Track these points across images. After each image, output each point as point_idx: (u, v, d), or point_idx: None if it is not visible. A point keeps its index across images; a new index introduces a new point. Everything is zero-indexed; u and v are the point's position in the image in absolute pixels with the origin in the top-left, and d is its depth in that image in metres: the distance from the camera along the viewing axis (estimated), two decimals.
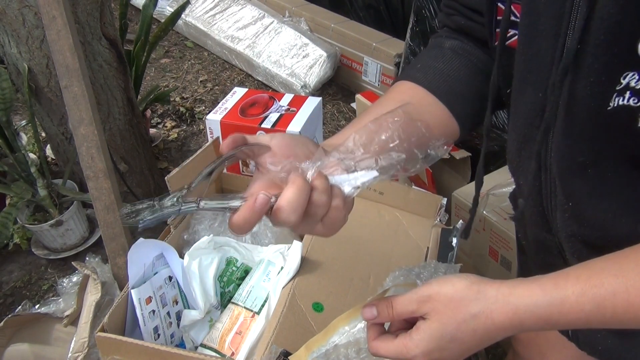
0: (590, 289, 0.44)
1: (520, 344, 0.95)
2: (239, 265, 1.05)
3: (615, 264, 0.45)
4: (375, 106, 0.65)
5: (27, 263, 1.74)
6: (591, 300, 0.44)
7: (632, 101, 0.42)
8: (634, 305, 0.43)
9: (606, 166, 0.48)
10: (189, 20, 3.02)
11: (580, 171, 0.49)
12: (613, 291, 0.44)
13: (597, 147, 0.47)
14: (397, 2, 2.65)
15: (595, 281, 0.44)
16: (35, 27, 1.46)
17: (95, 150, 1.28)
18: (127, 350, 0.84)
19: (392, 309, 0.52)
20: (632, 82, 0.42)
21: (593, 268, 0.46)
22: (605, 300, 0.44)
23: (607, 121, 0.45)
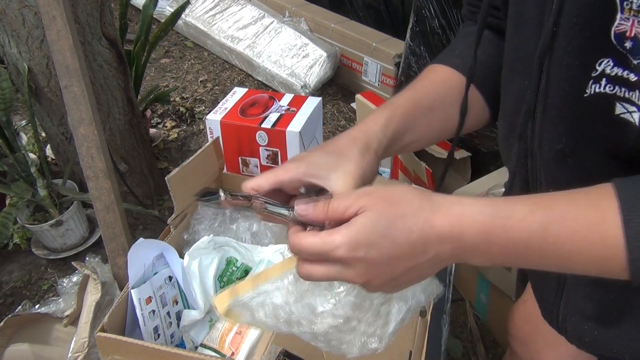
0: (539, 209, 0.42)
1: (518, 342, 0.95)
2: (239, 265, 1.05)
3: (567, 193, 0.43)
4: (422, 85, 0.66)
5: (27, 263, 1.74)
6: (538, 220, 0.41)
7: (608, 88, 0.42)
8: (578, 233, 0.41)
9: (586, 155, 0.47)
10: (189, 20, 3.02)
11: (561, 159, 0.49)
12: (562, 215, 0.41)
13: (575, 134, 0.47)
14: (397, 2, 2.65)
15: (546, 203, 0.42)
16: (35, 27, 1.46)
17: (95, 150, 1.28)
18: (127, 350, 0.84)
19: (329, 204, 0.46)
20: (607, 69, 0.41)
21: (545, 195, 0.44)
22: (552, 223, 0.41)
23: (585, 108, 0.44)
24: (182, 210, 1.07)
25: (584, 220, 0.40)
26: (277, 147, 1.32)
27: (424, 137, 0.65)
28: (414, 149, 0.66)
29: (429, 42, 1.98)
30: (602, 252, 0.40)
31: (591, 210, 0.41)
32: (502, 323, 1.47)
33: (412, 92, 0.65)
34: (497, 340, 1.53)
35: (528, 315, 0.89)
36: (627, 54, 0.40)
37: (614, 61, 0.41)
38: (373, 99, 1.92)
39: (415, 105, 0.63)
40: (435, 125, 0.65)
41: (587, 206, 0.41)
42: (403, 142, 0.62)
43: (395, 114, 0.61)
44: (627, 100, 0.42)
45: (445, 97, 0.65)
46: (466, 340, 1.52)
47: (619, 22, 0.40)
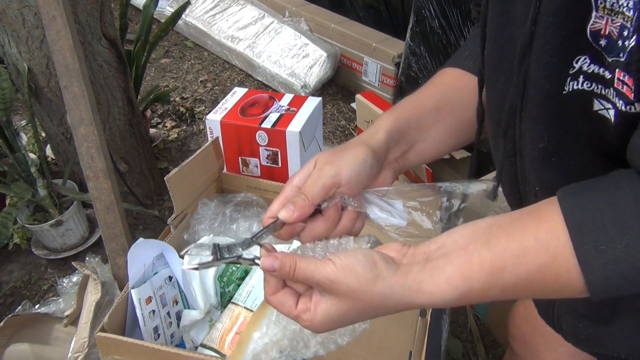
0: (493, 278, 0.45)
1: (517, 342, 0.95)
2: (238, 265, 1.05)
3: (516, 241, 0.45)
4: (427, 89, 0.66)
5: (27, 263, 1.74)
6: (495, 287, 0.45)
7: (585, 85, 0.42)
8: (533, 282, 0.44)
9: (569, 153, 0.47)
10: (189, 20, 3.02)
11: (545, 158, 0.49)
12: (516, 275, 0.44)
13: (556, 132, 0.47)
14: (397, 2, 2.65)
15: (499, 266, 0.45)
16: (35, 27, 1.46)
17: (95, 150, 1.28)
18: (127, 350, 0.84)
19: (294, 271, 0.49)
20: (584, 66, 0.42)
21: (495, 250, 0.46)
22: (508, 285, 0.45)
23: (564, 105, 0.45)
24: (182, 210, 1.07)
25: (536, 268, 0.43)
26: (277, 147, 1.32)
27: (437, 139, 0.64)
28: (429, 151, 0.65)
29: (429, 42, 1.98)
30: (558, 286, 0.44)
31: (542, 255, 0.43)
32: (502, 323, 1.47)
33: (415, 96, 0.66)
34: (497, 340, 1.53)
35: (528, 315, 0.89)
36: (602, 51, 0.41)
37: (591, 58, 0.42)
38: (373, 99, 1.92)
39: (418, 106, 0.64)
40: (445, 126, 0.64)
41: (538, 252, 0.43)
42: (408, 140, 0.62)
43: (396, 114, 0.62)
44: (603, 97, 0.42)
45: (452, 98, 0.65)
46: (466, 340, 1.52)
47: (594, 20, 0.40)
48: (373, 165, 0.58)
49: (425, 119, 0.63)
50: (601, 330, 0.60)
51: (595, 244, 0.40)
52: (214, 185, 1.19)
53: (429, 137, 0.63)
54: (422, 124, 0.62)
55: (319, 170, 0.55)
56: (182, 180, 1.03)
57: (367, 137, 0.60)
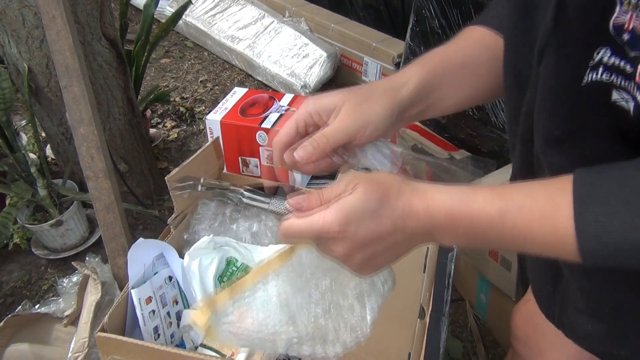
0: (498, 199, 0.47)
1: (519, 342, 0.95)
2: (239, 265, 1.05)
3: (527, 186, 0.47)
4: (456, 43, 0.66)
5: (27, 263, 1.74)
6: (497, 208, 0.46)
7: (604, 76, 0.43)
8: (532, 222, 0.45)
9: (583, 142, 0.48)
10: (189, 20, 3.02)
11: (558, 145, 0.50)
12: (519, 206, 0.46)
13: (574, 121, 0.47)
14: (397, 2, 2.65)
15: (506, 195, 0.47)
16: (35, 27, 1.46)
17: (95, 150, 1.28)
18: (127, 350, 0.84)
19: (322, 194, 0.51)
20: (605, 57, 0.42)
21: (508, 186, 0.48)
22: (509, 212, 0.46)
23: (582, 96, 0.45)
24: (182, 210, 1.07)
25: (538, 212, 0.45)
26: None
27: (454, 94, 0.64)
28: (443, 109, 0.66)
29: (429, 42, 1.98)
30: (554, 240, 0.45)
31: (547, 204, 0.45)
32: (502, 323, 1.47)
33: (444, 49, 0.65)
34: (497, 340, 1.53)
35: (530, 315, 0.89)
36: (624, 45, 0.41)
37: (612, 50, 0.42)
38: None
39: (447, 60, 0.64)
40: (466, 83, 0.64)
41: (544, 199, 0.45)
42: (427, 100, 0.62)
43: (423, 68, 0.62)
44: (623, 89, 0.42)
45: (479, 56, 0.64)
46: (466, 340, 1.52)
47: (618, 15, 0.40)
48: (395, 121, 0.60)
49: (451, 76, 0.63)
50: (601, 328, 0.60)
51: (595, 214, 0.42)
52: None
53: (450, 96, 0.64)
54: (445, 81, 0.63)
55: (347, 117, 0.57)
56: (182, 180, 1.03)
57: (395, 88, 0.60)
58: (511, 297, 1.39)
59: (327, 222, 0.49)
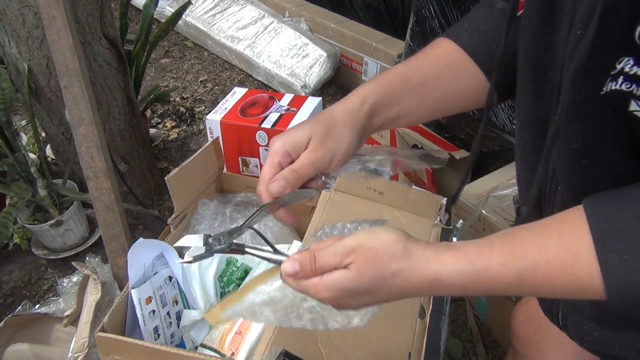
0: (513, 261, 0.45)
1: (520, 341, 0.95)
2: (239, 265, 1.05)
3: (539, 235, 0.46)
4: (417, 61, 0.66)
5: (27, 263, 1.74)
6: (513, 271, 0.45)
7: (624, 86, 0.42)
8: (552, 277, 0.44)
9: (600, 154, 0.47)
10: (189, 20, 3.02)
11: (577, 159, 0.49)
12: (535, 264, 0.44)
13: (590, 133, 0.47)
14: (397, 2, 2.65)
15: (518, 253, 0.45)
16: (35, 27, 1.46)
17: (95, 150, 1.28)
18: (127, 350, 0.84)
19: (315, 263, 0.51)
20: (627, 67, 0.42)
21: (517, 239, 0.47)
22: (526, 273, 0.45)
23: (600, 105, 0.45)
24: (182, 210, 1.07)
25: (557, 265, 0.44)
26: None
27: (415, 112, 0.65)
28: (406, 124, 0.67)
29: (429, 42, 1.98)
30: (578, 288, 0.44)
31: (564, 253, 0.44)
32: (502, 323, 1.47)
33: (403, 67, 0.66)
34: (497, 340, 1.53)
35: (531, 315, 0.89)
36: None
37: (635, 60, 0.41)
38: None
39: (403, 79, 0.64)
40: (426, 102, 0.65)
41: (560, 249, 0.44)
42: (386, 115, 0.63)
43: (379, 86, 0.63)
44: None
45: (440, 74, 0.65)
46: (466, 340, 1.52)
47: None
48: (357, 144, 0.62)
49: (409, 95, 0.64)
50: (607, 334, 0.59)
51: (619, 253, 0.41)
52: (214, 185, 1.19)
53: (410, 112, 0.65)
54: (404, 100, 0.64)
55: (314, 152, 0.59)
56: (182, 180, 1.03)
57: (354, 111, 0.61)
58: (511, 297, 1.39)
59: (318, 296, 0.51)
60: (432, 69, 0.65)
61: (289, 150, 0.59)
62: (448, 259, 0.47)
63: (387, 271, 0.48)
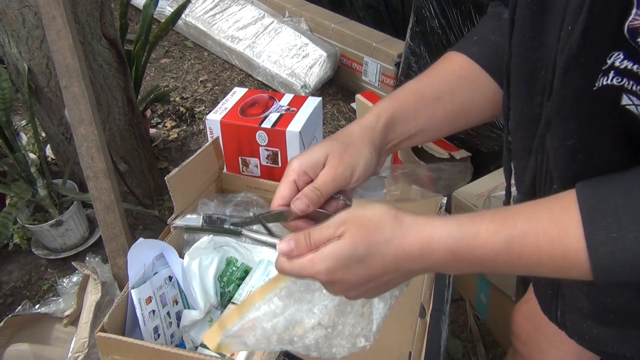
0: (502, 228, 0.46)
1: (520, 341, 0.95)
2: (239, 265, 1.05)
3: (530, 209, 0.47)
4: (429, 76, 0.66)
5: (27, 263, 1.74)
6: (502, 239, 0.46)
7: (615, 80, 0.42)
8: (540, 249, 0.45)
9: (594, 150, 0.47)
10: (189, 20, 3.02)
11: (572, 155, 0.49)
12: (524, 232, 0.45)
13: (584, 128, 0.47)
14: (397, 2, 2.65)
15: (509, 222, 0.46)
16: (35, 27, 1.46)
17: (95, 150, 1.28)
18: (127, 350, 0.84)
19: (310, 238, 0.51)
20: (617, 61, 0.42)
21: (508, 211, 0.48)
22: (514, 240, 0.45)
23: (593, 101, 0.45)
24: (182, 210, 1.07)
25: (545, 237, 0.44)
26: (277, 147, 1.32)
27: (431, 127, 0.65)
28: (424, 139, 0.67)
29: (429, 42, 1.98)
30: (565, 263, 0.44)
31: (553, 227, 0.44)
32: (502, 323, 1.47)
33: (416, 83, 0.66)
34: (497, 340, 1.53)
35: (531, 314, 0.89)
36: (638, 48, 0.40)
37: (625, 54, 0.41)
38: (373, 99, 1.92)
39: (417, 95, 0.64)
40: (442, 116, 0.65)
41: (549, 222, 0.45)
42: (402, 130, 0.64)
43: (393, 103, 0.63)
44: (633, 93, 0.42)
45: (455, 88, 0.65)
46: (466, 340, 1.52)
47: (634, 17, 0.40)
48: (376, 160, 0.61)
49: (424, 110, 0.64)
50: (606, 332, 0.59)
51: (607, 231, 0.41)
52: (214, 185, 1.19)
53: (426, 128, 0.65)
54: (419, 116, 0.64)
55: (334, 169, 0.58)
56: (182, 180, 1.03)
57: (370, 128, 0.61)
58: (511, 297, 1.39)
59: (314, 270, 0.50)
60: (445, 83, 0.65)
61: (305, 169, 0.59)
62: (439, 224, 0.48)
63: (380, 237, 0.49)
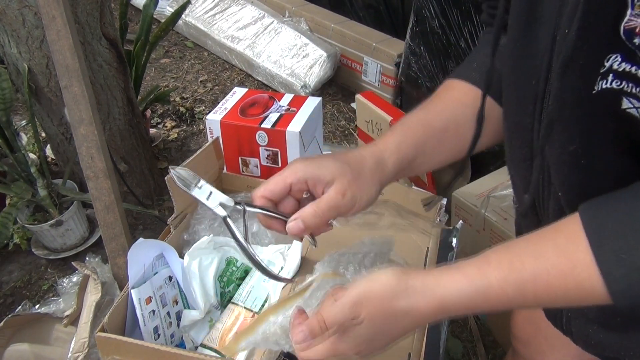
0: (511, 274, 0.45)
1: (520, 342, 0.95)
2: (239, 265, 1.05)
3: (535, 245, 0.46)
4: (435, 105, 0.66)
5: (27, 263, 1.74)
6: (513, 284, 0.45)
7: (614, 84, 0.42)
8: (553, 286, 0.44)
9: (596, 155, 0.47)
10: (189, 20, 3.02)
11: (575, 161, 0.49)
12: (534, 274, 0.45)
13: (586, 133, 0.47)
14: (397, 2, 2.65)
15: (516, 265, 0.46)
16: (35, 27, 1.46)
17: (95, 150, 1.28)
18: (127, 350, 0.84)
19: (325, 324, 0.52)
20: (615, 64, 0.42)
21: (514, 251, 0.47)
22: (526, 284, 0.45)
23: (593, 105, 0.44)
24: (182, 210, 1.07)
25: (556, 273, 0.44)
26: (277, 147, 1.32)
27: (434, 159, 0.65)
28: (422, 171, 0.67)
29: (429, 42, 1.98)
30: (581, 293, 0.44)
31: (562, 260, 0.44)
32: (502, 323, 1.47)
33: (424, 113, 0.65)
34: (497, 340, 1.53)
35: (531, 316, 0.89)
36: (635, 50, 0.40)
37: (622, 56, 0.41)
38: (373, 99, 1.92)
39: (427, 128, 0.64)
40: (446, 146, 0.65)
41: (557, 256, 0.44)
42: (412, 166, 0.63)
43: (406, 138, 0.62)
44: (633, 96, 0.42)
45: (459, 117, 0.65)
46: (466, 340, 1.52)
47: (629, 18, 0.39)
48: (377, 196, 0.61)
49: (432, 142, 0.63)
50: (613, 337, 0.59)
51: (616, 252, 0.41)
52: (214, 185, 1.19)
53: (433, 157, 0.65)
54: (427, 148, 0.63)
55: (340, 196, 0.56)
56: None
57: (382, 163, 0.60)
58: None
59: (341, 351, 0.52)
60: (452, 113, 0.65)
61: (307, 179, 0.57)
62: (448, 283, 0.48)
63: (397, 310, 0.49)
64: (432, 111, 0.66)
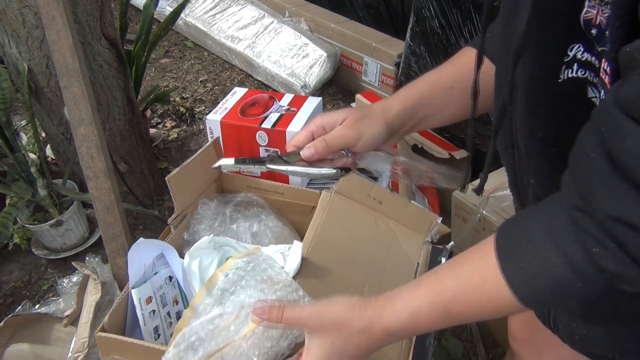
0: (436, 296, 0.50)
1: (517, 343, 0.95)
2: None
3: (456, 266, 0.51)
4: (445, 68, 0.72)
5: (27, 263, 1.74)
6: (439, 305, 0.50)
7: (579, 72, 0.43)
8: (471, 301, 0.48)
9: (566, 143, 0.47)
10: (189, 20, 3.02)
11: (544, 149, 0.50)
12: (454, 294, 0.49)
13: (554, 122, 0.48)
14: (397, 2, 2.65)
15: (440, 287, 0.50)
16: (35, 27, 1.46)
17: (95, 150, 1.28)
18: (127, 350, 0.84)
19: (282, 315, 0.56)
20: (578, 54, 0.43)
21: (440, 274, 0.52)
22: (449, 304, 0.49)
23: (560, 94, 0.46)
24: (182, 210, 1.07)
25: (471, 289, 0.48)
26: (277, 147, 1.32)
27: (441, 112, 0.71)
28: (432, 123, 0.73)
29: (429, 42, 1.98)
30: (495, 305, 0.47)
31: (474, 277, 0.48)
32: (501, 323, 1.47)
33: (433, 74, 0.72)
34: (497, 340, 1.53)
35: (528, 317, 0.89)
36: (593, 40, 0.41)
37: (584, 46, 0.42)
38: (373, 99, 1.92)
39: (433, 84, 0.70)
40: (453, 103, 0.70)
41: (471, 274, 0.49)
42: (418, 116, 0.70)
43: (411, 91, 0.70)
44: (594, 85, 0.43)
45: (466, 79, 0.68)
46: (466, 340, 1.52)
47: (587, 9, 0.41)
48: (385, 137, 0.69)
49: (438, 98, 0.70)
50: (595, 331, 0.60)
51: (517, 262, 0.44)
52: (214, 185, 1.19)
53: (439, 113, 0.71)
54: (434, 103, 0.70)
55: (345, 129, 0.67)
56: (182, 180, 1.03)
57: (387, 109, 0.69)
58: None
59: None
60: (458, 74, 0.70)
61: (324, 124, 0.68)
62: (390, 313, 0.53)
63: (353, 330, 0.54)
64: (441, 72, 0.72)
